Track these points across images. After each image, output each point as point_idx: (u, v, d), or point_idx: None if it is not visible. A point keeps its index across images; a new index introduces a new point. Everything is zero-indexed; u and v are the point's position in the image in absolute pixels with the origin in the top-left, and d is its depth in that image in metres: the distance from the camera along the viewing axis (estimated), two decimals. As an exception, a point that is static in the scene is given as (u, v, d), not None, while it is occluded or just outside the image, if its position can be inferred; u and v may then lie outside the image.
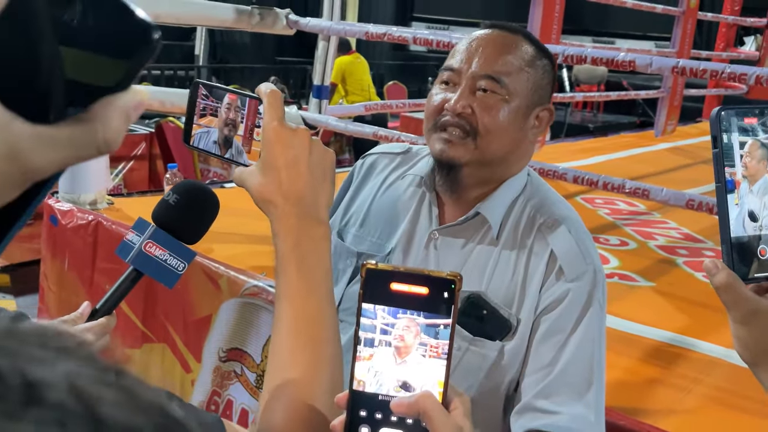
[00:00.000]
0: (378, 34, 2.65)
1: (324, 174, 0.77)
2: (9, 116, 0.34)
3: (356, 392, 0.61)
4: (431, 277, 0.60)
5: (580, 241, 1.20)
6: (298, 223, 0.75)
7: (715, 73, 1.90)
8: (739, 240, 0.66)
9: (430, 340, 0.60)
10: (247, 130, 0.81)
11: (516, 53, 1.21)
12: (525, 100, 1.20)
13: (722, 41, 7.16)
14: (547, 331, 1.16)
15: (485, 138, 1.18)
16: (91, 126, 0.37)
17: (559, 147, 5.28)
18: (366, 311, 0.60)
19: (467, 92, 1.18)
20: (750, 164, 0.66)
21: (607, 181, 2.25)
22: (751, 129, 0.67)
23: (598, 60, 2.20)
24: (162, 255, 0.99)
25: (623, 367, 1.86)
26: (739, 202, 0.66)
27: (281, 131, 0.75)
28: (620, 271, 2.60)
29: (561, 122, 8.59)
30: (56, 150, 0.36)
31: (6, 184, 0.35)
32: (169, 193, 1.01)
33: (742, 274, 0.65)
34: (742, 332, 0.66)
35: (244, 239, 2.47)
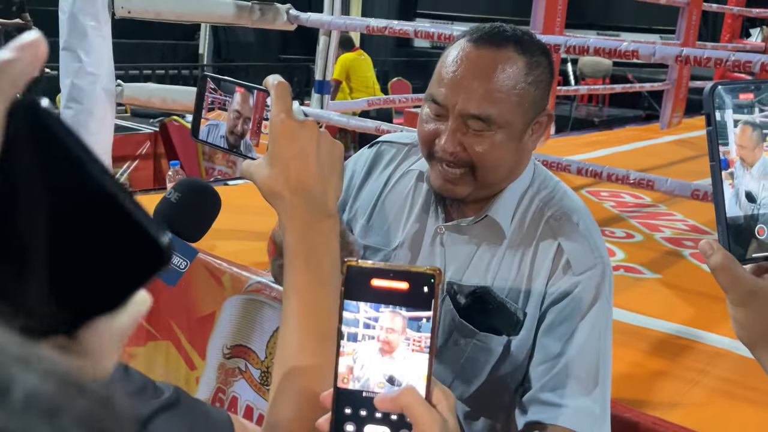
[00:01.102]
0: (379, 28, 2.64)
1: (333, 166, 0.76)
2: None
3: (340, 390, 0.61)
4: (411, 272, 0.60)
5: (588, 235, 1.18)
6: (306, 216, 0.74)
7: (719, 62, 1.88)
8: (735, 220, 0.64)
9: (413, 334, 0.60)
10: (255, 123, 0.80)
11: (505, 77, 1.11)
12: (519, 125, 1.14)
13: (728, 32, 7.12)
14: (553, 323, 1.14)
15: (482, 170, 1.14)
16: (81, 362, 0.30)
17: (564, 140, 5.26)
18: (348, 305, 0.60)
19: (455, 131, 1.13)
20: (743, 151, 0.64)
21: (611, 172, 2.23)
22: (748, 106, 0.65)
23: (601, 50, 2.18)
24: None
25: (629, 360, 1.85)
26: (734, 181, 0.64)
27: (289, 123, 0.75)
28: (626, 264, 2.59)
29: (566, 116, 8.56)
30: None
31: None
32: (171, 191, 1.00)
33: (740, 255, 0.64)
34: (741, 314, 0.65)
35: (247, 236, 2.47)
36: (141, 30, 8.38)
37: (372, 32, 2.66)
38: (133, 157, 5.01)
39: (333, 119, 2.83)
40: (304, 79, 10.11)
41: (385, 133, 2.75)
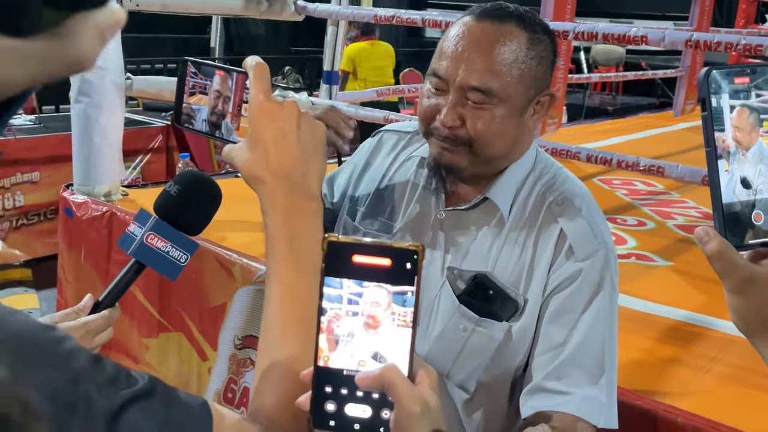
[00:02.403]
0: (387, 17, 2.62)
1: (314, 147, 0.75)
2: None
3: (321, 368, 0.60)
4: (393, 248, 0.59)
5: (591, 219, 1.17)
6: (288, 199, 0.73)
7: (729, 46, 1.85)
8: (731, 206, 0.63)
9: (398, 308, 0.59)
10: (235, 106, 0.80)
11: (506, 52, 1.12)
12: (520, 100, 1.14)
13: (742, 18, 7.02)
14: (557, 310, 1.14)
15: (479, 145, 1.14)
16: (63, 42, 0.36)
17: (576, 129, 5.22)
18: (330, 282, 0.59)
19: (456, 104, 1.13)
20: (739, 134, 0.63)
21: (621, 159, 2.21)
22: (743, 90, 0.63)
23: (610, 36, 2.16)
24: (164, 247, 0.97)
25: (640, 347, 1.83)
26: (729, 167, 0.63)
27: (267, 105, 0.74)
28: (638, 251, 2.57)
29: (579, 105, 8.50)
30: (28, 64, 0.35)
31: None
32: (171, 184, 1.00)
33: (736, 242, 0.63)
34: (737, 301, 0.64)
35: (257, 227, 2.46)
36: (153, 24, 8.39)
37: (380, 21, 2.66)
38: (145, 151, 5.03)
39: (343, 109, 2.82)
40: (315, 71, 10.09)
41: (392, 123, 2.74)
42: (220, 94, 0.81)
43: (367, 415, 0.59)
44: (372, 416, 0.59)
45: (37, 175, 4.56)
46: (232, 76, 0.80)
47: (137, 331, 2.54)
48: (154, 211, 0.99)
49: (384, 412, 0.59)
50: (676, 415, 1.48)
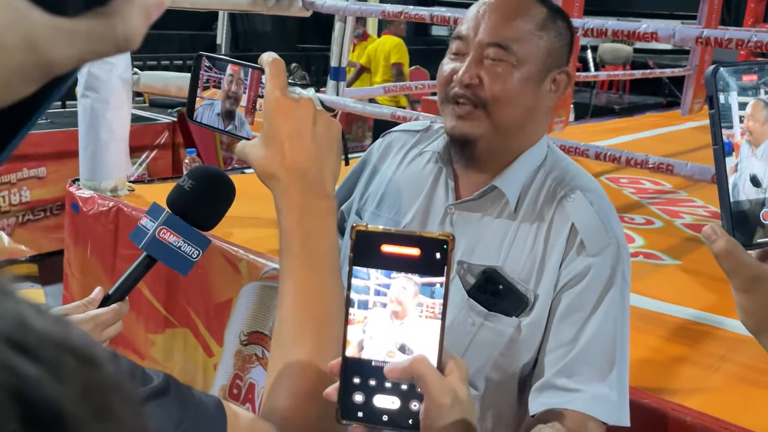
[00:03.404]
0: (395, 13, 2.62)
1: (329, 146, 0.74)
2: (27, 5, 0.33)
3: (349, 359, 0.59)
4: (423, 237, 0.58)
5: (603, 214, 1.16)
6: (302, 197, 0.72)
7: (740, 42, 1.84)
8: (739, 204, 0.62)
9: (426, 300, 0.58)
10: (249, 101, 0.79)
11: (526, 17, 1.16)
12: (537, 66, 1.16)
13: (751, 17, 6.98)
14: (568, 307, 1.13)
15: (494, 107, 1.14)
16: (110, 21, 0.36)
17: (584, 127, 5.21)
18: (358, 272, 0.58)
19: (475, 62, 1.15)
20: (753, 126, 0.62)
21: (630, 156, 2.20)
22: (752, 87, 0.63)
23: (619, 32, 2.14)
24: (176, 242, 0.96)
25: (648, 346, 1.82)
26: (738, 165, 0.62)
27: (283, 101, 0.73)
28: (645, 250, 2.56)
29: (586, 104, 8.48)
30: (74, 43, 0.35)
31: (22, 77, 0.34)
32: (185, 178, 0.99)
33: (744, 240, 0.62)
34: (745, 300, 0.63)
35: (263, 223, 2.47)
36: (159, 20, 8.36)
37: (387, 17, 2.64)
38: (152, 147, 5.03)
39: (349, 105, 2.82)
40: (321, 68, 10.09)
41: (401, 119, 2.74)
42: (234, 91, 0.80)
43: (396, 407, 0.59)
44: (400, 407, 0.59)
45: (43, 170, 4.57)
46: (248, 72, 0.79)
47: (143, 327, 2.54)
48: (167, 206, 0.99)
49: (413, 403, 0.59)
50: (684, 414, 1.47)
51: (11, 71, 0.33)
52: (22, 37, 0.33)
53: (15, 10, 0.33)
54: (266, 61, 0.76)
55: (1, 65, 0.33)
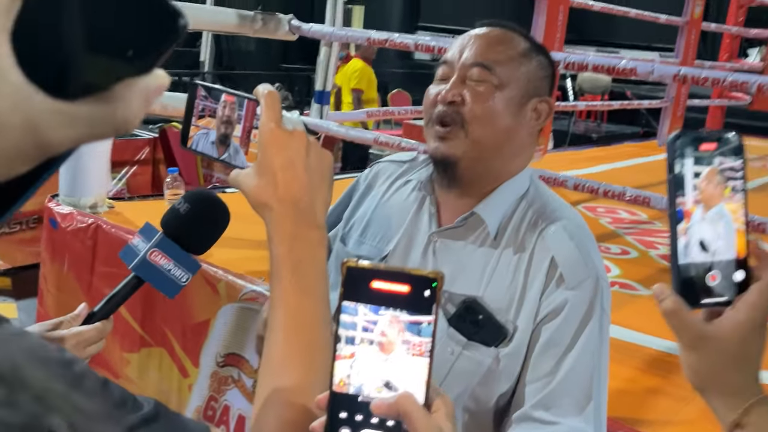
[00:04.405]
0: (380, 40, 2.65)
1: (321, 177, 0.76)
2: (31, 89, 0.34)
3: (336, 393, 0.60)
4: (413, 275, 0.59)
5: (582, 247, 1.18)
6: (294, 227, 0.73)
7: (716, 81, 1.89)
8: (687, 267, 0.66)
9: (413, 338, 0.59)
10: (244, 131, 0.80)
11: (509, 45, 1.21)
12: (518, 90, 1.19)
13: (726, 52, 7.14)
14: (547, 341, 1.14)
15: (473, 125, 1.17)
16: (110, 106, 0.37)
17: (562, 156, 5.27)
18: (347, 308, 0.59)
19: (459, 81, 1.19)
20: (707, 190, 0.66)
21: (607, 188, 2.24)
22: (707, 157, 0.66)
23: (600, 67, 2.19)
24: (167, 265, 0.96)
25: (623, 377, 1.84)
26: (687, 231, 0.66)
27: (278, 133, 0.74)
28: (621, 280, 2.59)
29: (564, 131, 8.58)
30: (74, 126, 0.36)
31: (20, 157, 0.35)
32: (180, 201, 0.99)
33: (691, 301, 0.66)
34: (690, 357, 0.67)
35: (244, 244, 2.46)
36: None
37: (373, 44, 2.68)
38: (132, 163, 5.01)
39: (332, 129, 2.84)
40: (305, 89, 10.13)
41: (384, 144, 2.76)
42: (229, 121, 0.81)
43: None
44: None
45: (20, 183, 4.52)
46: (242, 102, 0.80)
47: (119, 345, 2.52)
48: (160, 227, 0.99)
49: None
50: (658, 446, 1.49)
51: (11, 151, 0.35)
52: (25, 119, 0.34)
53: (20, 93, 0.34)
54: (261, 93, 0.77)
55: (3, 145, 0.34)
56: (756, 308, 0.65)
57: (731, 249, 0.66)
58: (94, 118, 0.36)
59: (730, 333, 0.65)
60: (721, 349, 0.65)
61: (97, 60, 0.36)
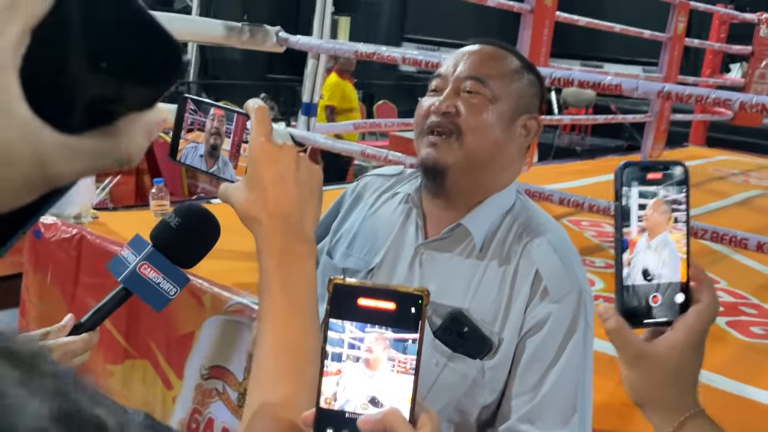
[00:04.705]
0: (368, 53, 2.66)
1: (311, 191, 0.77)
2: (39, 123, 0.35)
3: (323, 410, 0.60)
4: (399, 292, 0.60)
5: (566, 261, 1.20)
6: (283, 241, 0.74)
7: (700, 98, 1.92)
8: (631, 289, 0.70)
9: (398, 355, 0.60)
10: (234, 146, 0.80)
11: (501, 62, 1.24)
12: (510, 105, 1.22)
13: (708, 68, 7.23)
14: (532, 356, 1.15)
15: (468, 136, 1.18)
16: (115, 140, 0.38)
17: (546, 169, 5.30)
18: (334, 325, 0.60)
19: (452, 93, 1.21)
20: (651, 218, 0.69)
21: (592, 203, 2.26)
22: (653, 187, 0.69)
23: (585, 83, 2.21)
24: (156, 278, 0.96)
25: (607, 390, 1.85)
26: (632, 258, 0.69)
27: (268, 147, 0.75)
28: (605, 294, 2.61)
29: (549, 144, 8.64)
30: (80, 160, 0.37)
31: (27, 188, 0.36)
32: (171, 215, 0.99)
33: (634, 321, 0.69)
34: (630, 374, 0.70)
35: (229, 255, 2.45)
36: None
37: (361, 57, 2.69)
38: (115, 172, 4.98)
39: (319, 141, 2.85)
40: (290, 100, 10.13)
41: (371, 157, 2.77)
42: (218, 135, 0.81)
43: None
44: None
45: (3, 192, 4.48)
46: (232, 117, 0.81)
47: (102, 357, 2.50)
48: (150, 239, 0.99)
49: None
50: (641, 460, 1.50)
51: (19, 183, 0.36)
52: (33, 152, 0.35)
53: (28, 127, 0.35)
54: (252, 108, 0.78)
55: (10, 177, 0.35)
56: (693, 330, 0.69)
57: (674, 273, 0.70)
58: (99, 152, 0.37)
59: (668, 352, 0.69)
60: (659, 367, 0.69)
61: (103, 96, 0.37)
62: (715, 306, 0.70)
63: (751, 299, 2.81)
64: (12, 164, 0.35)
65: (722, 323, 2.49)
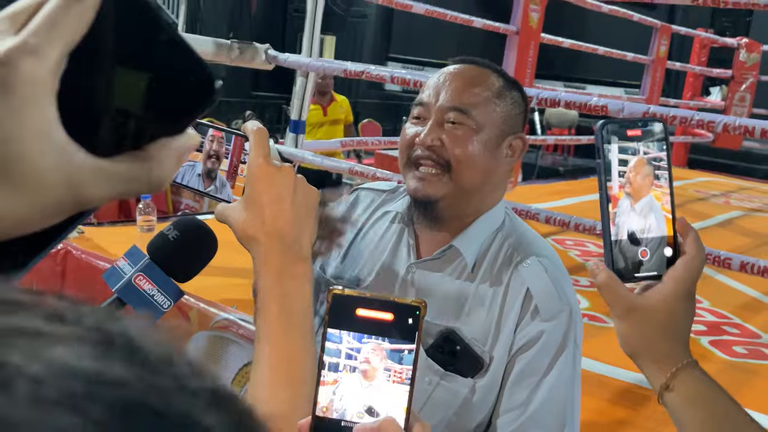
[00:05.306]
0: (356, 72, 2.68)
1: (308, 212, 0.78)
2: (75, 147, 0.36)
3: (319, 418, 0.61)
4: (397, 303, 0.61)
5: (556, 281, 1.21)
6: (281, 260, 0.75)
7: (684, 120, 1.95)
8: (619, 244, 0.71)
9: (394, 365, 0.61)
10: (231, 166, 0.81)
11: (484, 85, 1.23)
12: (495, 131, 1.22)
13: (689, 90, 7.35)
14: (521, 371, 1.16)
15: (457, 168, 1.19)
16: (146, 165, 0.38)
17: (530, 188, 5.35)
18: (331, 336, 0.61)
19: (436, 125, 1.20)
20: (634, 181, 0.71)
21: (578, 222, 2.28)
22: (633, 143, 0.72)
23: (571, 104, 2.25)
24: (150, 290, 0.96)
25: (592, 408, 1.87)
26: (618, 213, 0.71)
27: (266, 168, 0.76)
28: (591, 312, 2.63)
29: (532, 164, 8.71)
30: (111, 183, 0.37)
31: (58, 210, 0.37)
32: (170, 228, 0.99)
33: (623, 275, 0.71)
34: (622, 327, 0.72)
35: (216, 271, 2.45)
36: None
37: (349, 76, 2.72)
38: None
39: (307, 158, 2.86)
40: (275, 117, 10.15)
41: (358, 174, 2.79)
42: (216, 156, 0.82)
43: None
44: None
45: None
46: (230, 138, 0.81)
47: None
48: (147, 252, 0.99)
49: None
50: (628, 478, 1.51)
51: (51, 205, 0.36)
52: (67, 176, 0.36)
53: (63, 151, 0.35)
54: (250, 130, 0.79)
55: (44, 200, 0.36)
56: (682, 280, 0.71)
57: (660, 229, 0.72)
58: (130, 176, 0.38)
59: (658, 303, 0.71)
60: (650, 319, 0.71)
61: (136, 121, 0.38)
62: (702, 256, 0.72)
63: (734, 319, 2.85)
64: (47, 187, 0.35)
65: (705, 342, 2.52)
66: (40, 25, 0.35)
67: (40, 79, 0.35)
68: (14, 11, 0.36)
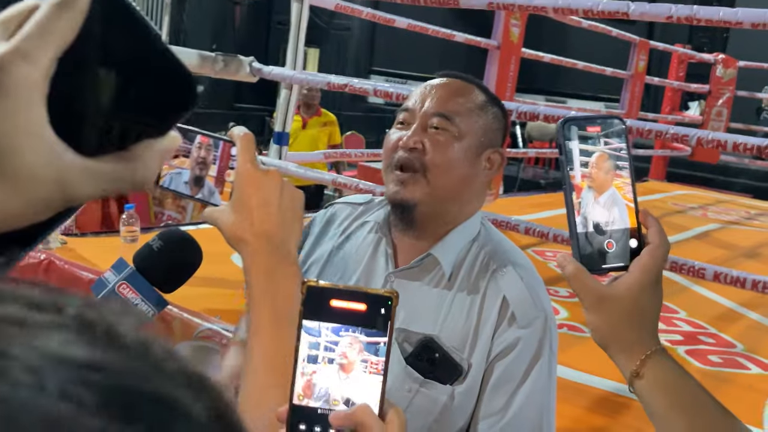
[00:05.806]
0: (339, 85, 2.72)
1: (294, 215, 0.80)
2: (63, 147, 0.38)
3: (296, 406, 0.63)
4: (369, 294, 0.64)
5: (532, 288, 1.24)
6: (269, 260, 0.77)
7: (660, 134, 2.00)
8: (586, 236, 0.74)
9: (371, 357, 0.63)
10: (219, 171, 0.84)
11: (467, 97, 1.27)
12: (475, 140, 1.26)
13: (668, 105, 7.45)
14: (499, 378, 1.18)
15: (434, 173, 1.22)
16: (131, 165, 0.41)
17: (512, 200, 5.40)
18: (309, 329, 0.63)
19: (420, 129, 1.24)
20: (597, 175, 0.74)
21: (557, 233, 2.32)
22: (593, 138, 0.75)
23: (550, 117, 2.29)
24: (133, 298, 0.97)
25: (570, 416, 1.89)
26: (582, 210, 0.74)
27: (254, 173, 0.78)
28: (569, 322, 2.66)
29: (514, 177, 8.77)
30: (98, 182, 0.40)
31: (48, 206, 0.39)
32: (155, 239, 1.01)
33: (590, 266, 0.74)
34: (592, 317, 0.74)
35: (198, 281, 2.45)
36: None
37: (333, 89, 2.75)
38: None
39: (290, 170, 2.88)
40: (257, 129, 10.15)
41: (342, 186, 2.81)
42: (204, 161, 0.85)
43: None
44: None
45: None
46: (218, 144, 0.84)
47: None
48: (133, 262, 1.00)
49: None
50: (604, 483, 1.54)
51: (40, 202, 0.38)
52: (56, 174, 0.38)
53: (52, 150, 0.38)
54: (237, 135, 0.81)
55: (35, 195, 0.38)
56: (648, 269, 0.73)
57: (624, 221, 0.75)
58: (115, 175, 0.40)
59: (626, 292, 0.73)
60: (618, 308, 0.73)
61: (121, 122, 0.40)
62: (666, 245, 0.74)
63: (710, 329, 2.89)
64: (38, 184, 0.38)
65: (681, 352, 2.56)
66: (32, 31, 0.37)
67: (33, 82, 0.37)
68: (6, 17, 0.38)
